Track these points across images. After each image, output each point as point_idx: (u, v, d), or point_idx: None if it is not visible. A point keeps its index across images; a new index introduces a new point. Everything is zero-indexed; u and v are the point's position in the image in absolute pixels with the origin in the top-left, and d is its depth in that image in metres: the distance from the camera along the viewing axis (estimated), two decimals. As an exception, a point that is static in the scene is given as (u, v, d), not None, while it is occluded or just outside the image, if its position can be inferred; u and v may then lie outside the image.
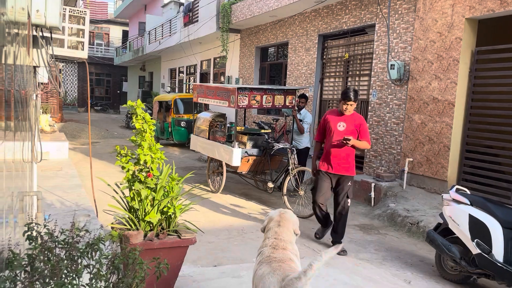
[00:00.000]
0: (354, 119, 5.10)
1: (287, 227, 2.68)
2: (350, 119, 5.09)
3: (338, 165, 5.10)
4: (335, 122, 5.11)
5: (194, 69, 19.88)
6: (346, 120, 5.08)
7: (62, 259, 1.38)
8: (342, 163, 5.10)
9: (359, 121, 5.10)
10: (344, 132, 5.02)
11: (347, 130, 5.04)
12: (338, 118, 5.11)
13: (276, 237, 2.60)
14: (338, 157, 5.08)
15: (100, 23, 33.53)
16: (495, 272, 3.91)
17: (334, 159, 5.09)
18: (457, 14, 6.93)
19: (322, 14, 10.37)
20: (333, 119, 5.13)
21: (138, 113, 3.25)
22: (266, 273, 2.28)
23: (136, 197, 3.20)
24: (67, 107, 30.11)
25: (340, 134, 5.02)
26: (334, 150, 5.07)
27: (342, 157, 5.08)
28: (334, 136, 5.06)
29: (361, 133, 5.07)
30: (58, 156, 9.20)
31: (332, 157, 5.10)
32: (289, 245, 2.58)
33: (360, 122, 5.09)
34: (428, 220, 6.14)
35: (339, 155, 5.08)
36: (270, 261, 2.38)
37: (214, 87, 8.38)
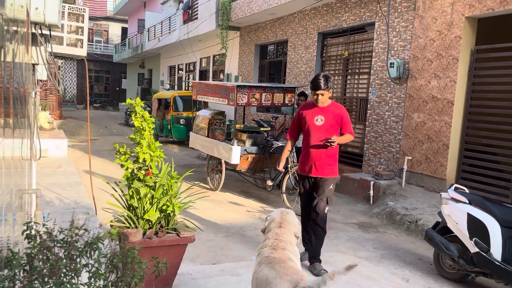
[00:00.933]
0: (333, 111, 4.31)
1: (288, 229, 2.67)
2: (329, 110, 4.30)
3: (319, 166, 4.31)
4: (311, 116, 4.31)
5: (194, 67, 19.86)
6: (324, 113, 4.29)
7: (61, 258, 1.38)
8: (323, 163, 4.32)
9: (339, 112, 4.32)
10: (323, 127, 4.26)
11: (326, 124, 4.27)
12: (314, 111, 4.32)
13: (276, 238, 2.59)
14: (319, 157, 4.31)
15: (99, 20, 33.42)
16: (493, 271, 3.92)
17: (315, 160, 4.32)
18: (457, 12, 6.92)
19: (322, 12, 10.36)
20: (309, 113, 4.34)
21: (137, 111, 3.25)
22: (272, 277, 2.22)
23: (135, 195, 3.21)
24: (66, 104, 30.04)
25: (319, 130, 4.27)
26: (314, 149, 4.31)
27: (324, 158, 4.32)
28: (312, 132, 4.30)
29: (343, 126, 4.32)
30: (57, 154, 9.19)
31: (311, 157, 4.33)
32: (289, 246, 2.57)
33: (340, 114, 4.31)
34: (426, 219, 6.15)
35: (319, 154, 4.31)
36: (270, 262, 2.35)
37: (213, 84, 8.38)
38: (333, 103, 4.40)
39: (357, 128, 9.51)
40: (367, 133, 8.81)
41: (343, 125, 4.33)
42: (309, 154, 4.34)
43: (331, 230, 6.03)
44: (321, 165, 4.32)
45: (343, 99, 9.92)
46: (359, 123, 9.36)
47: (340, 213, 7.07)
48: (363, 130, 9.10)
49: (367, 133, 8.81)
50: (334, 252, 5.08)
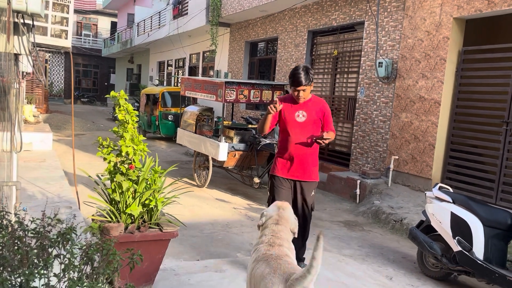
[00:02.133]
0: (316, 106, 3.89)
1: (285, 226, 2.65)
2: (311, 106, 3.88)
3: (300, 168, 3.86)
4: (292, 111, 3.86)
5: (183, 63, 19.74)
6: (306, 108, 3.86)
7: (32, 248, 1.34)
8: (305, 166, 3.87)
9: (321, 107, 3.90)
10: (306, 124, 3.83)
11: (308, 121, 3.84)
12: (295, 107, 3.87)
13: (273, 235, 2.57)
14: (300, 158, 3.85)
15: (88, 13, 33.06)
16: (475, 270, 3.95)
17: (295, 161, 3.86)
18: (445, 13, 6.97)
19: (312, 10, 10.35)
20: (288, 108, 3.88)
21: (121, 104, 3.19)
22: (266, 273, 2.21)
23: (118, 189, 3.16)
24: (53, 98, 29.69)
25: (300, 127, 3.83)
26: (295, 148, 3.84)
27: (305, 158, 3.86)
28: (293, 129, 3.84)
29: (325, 122, 3.90)
30: (41, 148, 9.05)
31: (291, 158, 3.87)
32: (285, 243, 2.55)
33: (323, 109, 3.90)
34: (411, 218, 6.19)
35: (301, 154, 3.85)
36: (267, 258, 2.34)
37: (201, 80, 8.32)
38: (314, 97, 3.97)
39: (345, 127, 9.55)
40: (355, 132, 8.84)
41: (326, 121, 3.90)
42: (289, 154, 3.86)
43: (317, 228, 6.04)
44: (304, 167, 3.85)
45: (332, 98, 9.94)
46: (347, 122, 9.39)
47: (326, 211, 7.08)
48: (351, 129, 9.13)
49: (355, 132, 8.84)
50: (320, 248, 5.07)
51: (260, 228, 2.73)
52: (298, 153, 3.84)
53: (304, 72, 3.69)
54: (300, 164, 3.85)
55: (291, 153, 3.85)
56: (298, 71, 3.70)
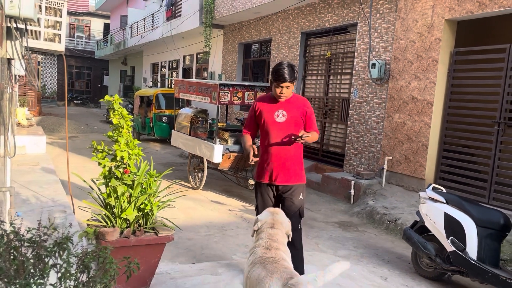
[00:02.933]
0: (297, 104, 3.57)
1: (280, 229, 2.68)
2: (291, 104, 3.55)
3: (284, 171, 3.54)
4: (271, 110, 3.55)
5: (177, 64, 19.71)
6: (286, 107, 3.54)
7: (28, 258, 1.34)
8: (289, 169, 3.55)
9: (303, 106, 3.58)
10: (286, 125, 3.51)
11: (289, 120, 3.52)
12: (274, 106, 3.55)
13: (270, 238, 2.59)
14: (283, 161, 3.54)
15: (81, 15, 32.92)
16: (468, 269, 3.99)
17: (278, 164, 3.53)
18: (437, 15, 7.03)
19: (305, 11, 10.39)
20: (266, 108, 3.57)
21: (115, 108, 3.19)
22: (262, 276, 2.23)
23: (113, 194, 3.16)
24: (46, 100, 29.49)
25: (280, 127, 3.51)
26: (276, 151, 3.53)
27: (288, 160, 3.55)
28: (272, 131, 3.53)
29: (308, 122, 3.58)
30: (35, 151, 8.99)
31: (273, 161, 3.54)
32: (282, 246, 2.58)
33: (304, 108, 3.58)
34: (405, 218, 6.23)
35: (283, 157, 3.53)
36: (264, 261, 2.35)
37: (195, 82, 8.32)
38: (295, 95, 3.64)
39: (339, 128, 9.59)
40: (349, 133, 8.88)
41: (308, 121, 3.58)
42: (270, 157, 3.55)
43: (312, 229, 6.06)
44: (286, 170, 3.54)
45: (325, 99, 9.98)
46: (341, 123, 9.43)
47: (321, 212, 7.11)
48: (345, 130, 9.17)
49: (349, 133, 8.88)
50: (314, 251, 5.10)
51: (255, 234, 2.74)
52: (280, 155, 3.53)
53: (288, 68, 3.41)
54: (283, 168, 3.53)
55: (272, 156, 3.54)
56: (283, 67, 3.42)
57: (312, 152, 10.22)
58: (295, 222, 3.43)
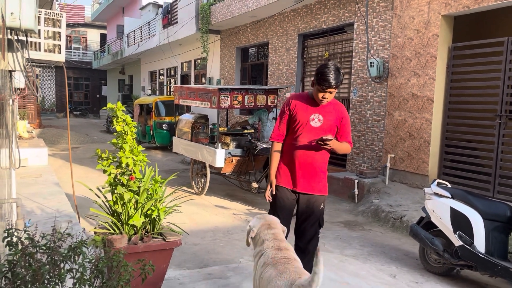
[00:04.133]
0: (335, 110, 3.28)
1: (278, 228, 2.68)
2: (329, 110, 3.26)
3: (308, 178, 3.27)
4: (308, 113, 3.23)
5: (175, 71, 19.75)
6: (323, 111, 3.24)
7: (44, 264, 1.34)
8: (313, 176, 3.28)
9: (340, 112, 3.29)
10: (321, 130, 3.22)
11: (324, 126, 3.24)
12: (311, 109, 3.24)
13: (275, 238, 2.58)
14: (308, 167, 3.26)
15: (77, 26, 32.98)
16: (477, 263, 3.98)
17: (302, 170, 3.26)
18: (433, 11, 7.05)
19: (301, 13, 10.42)
20: (303, 109, 3.25)
21: (118, 116, 3.20)
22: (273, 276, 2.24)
23: (119, 201, 3.16)
24: (45, 112, 29.54)
25: (314, 132, 3.21)
26: (303, 156, 3.24)
27: (314, 167, 3.27)
28: (304, 135, 3.23)
29: (341, 130, 3.29)
30: (37, 163, 9.00)
31: (298, 167, 3.26)
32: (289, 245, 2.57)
33: (342, 115, 3.29)
34: (411, 215, 6.22)
35: (310, 163, 3.25)
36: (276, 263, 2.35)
37: (195, 88, 8.34)
38: (335, 101, 3.35)
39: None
40: (350, 132, 8.87)
41: (342, 129, 3.29)
42: (298, 162, 3.26)
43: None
44: (311, 177, 3.27)
45: (325, 100, 9.99)
46: (342, 122, 9.43)
47: (325, 212, 7.08)
48: (346, 129, 9.16)
49: (350, 132, 8.87)
50: (321, 251, 5.09)
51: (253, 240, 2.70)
52: (307, 161, 3.24)
53: (335, 72, 3.07)
54: (309, 175, 3.26)
55: (299, 161, 3.25)
56: (329, 70, 3.06)
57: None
58: (314, 231, 3.36)
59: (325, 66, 3.11)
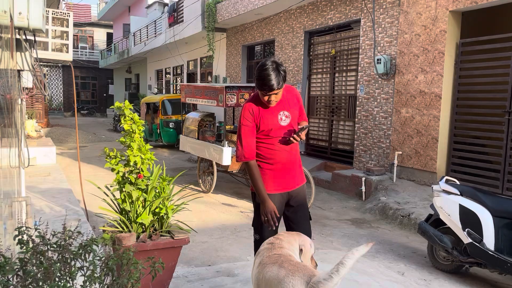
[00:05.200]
0: (292, 97, 3.09)
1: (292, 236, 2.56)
2: (288, 101, 3.06)
3: (293, 174, 3.12)
4: (274, 115, 3.00)
5: (181, 70, 19.79)
6: (286, 106, 3.03)
7: (55, 262, 1.35)
8: (296, 169, 3.14)
9: (295, 96, 3.13)
10: (289, 126, 3.04)
11: (292, 120, 3.06)
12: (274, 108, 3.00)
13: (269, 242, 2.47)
14: (292, 164, 3.11)
15: (83, 26, 33.14)
16: (486, 261, 3.95)
17: (287, 169, 3.09)
18: (441, 7, 6.99)
19: (308, 10, 10.39)
20: (268, 112, 2.99)
21: (126, 114, 3.21)
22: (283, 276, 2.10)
23: (127, 199, 3.17)
24: (52, 112, 29.77)
25: (285, 131, 3.02)
26: (284, 157, 3.04)
27: (295, 162, 3.13)
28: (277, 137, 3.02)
29: (301, 113, 3.17)
30: (45, 162, 9.08)
31: (284, 168, 3.07)
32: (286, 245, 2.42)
33: (297, 97, 3.14)
34: (419, 212, 6.19)
35: (292, 161, 3.10)
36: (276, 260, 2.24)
37: (202, 86, 8.35)
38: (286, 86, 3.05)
39: (346, 125, 9.56)
40: (357, 129, 8.85)
41: (300, 110, 3.15)
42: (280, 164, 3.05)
43: (325, 227, 6.05)
44: (295, 172, 3.13)
45: (332, 97, 9.96)
46: (349, 120, 9.41)
47: (333, 210, 7.09)
48: (353, 127, 9.14)
49: (357, 129, 8.85)
50: (328, 249, 5.09)
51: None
52: (288, 160, 3.07)
53: (274, 70, 2.79)
54: (292, 171, 3.11)
55: (281, 163, 3.05)
56: (267, 71, 2.78)
57: (321, 151, 10.20)
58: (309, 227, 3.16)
59: (262, 68, 2.82)
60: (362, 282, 3.88)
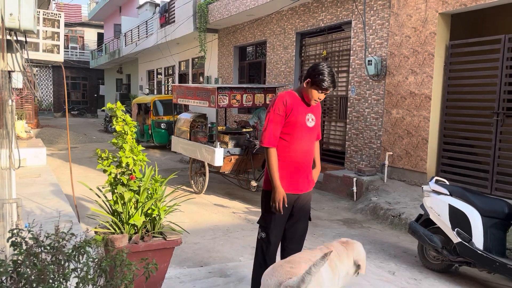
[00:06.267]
0: (318, 108, 3.29)
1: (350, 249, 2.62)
2: (316, 108, 3.26)
3: (306, 177, 3.21)
4: (303, 113, 3.14)
5: (173, 70, 19.74)
6: (313, 111, 3.22)
7: (48, 264, 1.36)
8: (310, 173, 3.26)
9: (319, 109, 3.33)
10: (313, 130, 3.21)
11: (316, 125, 3.24)
12: (305, 109, 3.16)
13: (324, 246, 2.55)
14: (308, 166, 3.21)
15: (74, 26, 32.90)
16: (476, 260, 4.01)
17: (303, 170, 3.17)
18: (431, 9, 7.07)
19: (299, 12, 10.43)
20: (300, 109, 3.13)
21: (118, 115, 3.21)
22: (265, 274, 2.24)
23: (119, 200, 3.17)
24: (42, 112, 29.51)
25: (310, 133, 3.17)
26: (303, 157, 3.15)
27: (310, 165, 3.25)
28: (303, 136, 3.12)
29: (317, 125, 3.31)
30: (36, 163, 9.00)
31: (300, 168, 3.15)
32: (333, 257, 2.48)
33: (319, 110, 3.33)
34: (409, 212, 6.25)
35: (308, 162, 3.21)
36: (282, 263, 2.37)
37: (193, 87, 8.34)
38: None
39: (338, 126, 9.62)
40: (348, 130, 8.91)
41: (318, 123, 3.30)
42: (298, 164, 3.14)
43: (317, 228, 6.08)
44: (308, 175, 3.25)
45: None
46: (340, 121, 9.46)
47: (324, 210, 7.13)
48: (344, 127, 9.20)
49: (348, 130, 8.91)
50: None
51: None
52: (307, 162, 3.18)
53: (332, 72, 3.04)
54: (308, 173, 3.23)
55: (300, 163, 3.14)
56: (328, 71, 3.00)
57: (313, 152, 10.23)
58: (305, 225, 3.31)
59: (323, 67, 3.01)
60: (353, 281, 3.91)
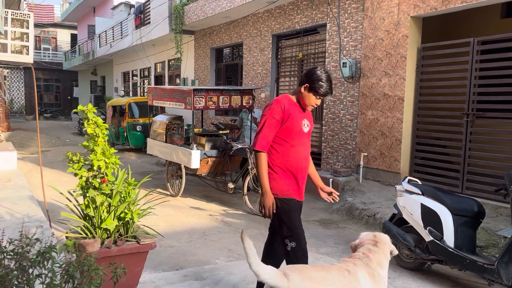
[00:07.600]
0: (310, 114, 3.25)
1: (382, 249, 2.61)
2: (308, 114, 3.21)
3: (303, 185, 3.19)
4: (300, 119, 3.08)
5: (148, 72, 19.52)
6: (308, 116, 3.18)
7: (11, 270, 1.31)
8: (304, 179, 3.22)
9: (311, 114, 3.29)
10: (308, 136, 3.18)
11: (310, 131, 3.21)
12: (302, 114, 3.12)
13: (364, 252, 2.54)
14: (305, 174, 3.20)
15: (46, 26, 32.17)
16: (447, 257, 4.10)
17: (301, 178, 3.15)
18: (403, 12, 7.22)
19: (275, 14, 10.49)
20: (296, 114, 3.07)
21: (89, 118, 3.15)
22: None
23: (91, 204, 3.11)
24: (14, 115, 28.67)
25: (305, 138, 3.14)
26: (302, 164, 3.13)
27: (306, 171, 3.23)
28: (299, 141, 3.08)
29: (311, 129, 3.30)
30: (6, 167, 8.74)
31: (299, 175, 3.12)
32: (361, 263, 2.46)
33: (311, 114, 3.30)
34: (384, 212, 6.35)
35: (305, 169, 3.19)
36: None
37: (169, 89, 8.27)
38: None
39: (314, 127, 9.68)
40: (324, 132, 8.99)
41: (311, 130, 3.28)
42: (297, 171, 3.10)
43: (293, 229, 6.10)
44: (304, 183, 3.20)
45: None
46: (316, 122, 9.54)
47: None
48: (320, 129, 9.28)
49: (324, 132, 8.99)
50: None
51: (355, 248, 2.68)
52: (304, 168, 3.15)
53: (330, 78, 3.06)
54: (304, 182, 3.19)
55: (298, 169, 3.09)
56: (326, 76, 3.00)
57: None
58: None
59: (322, 73, 3.01)
60: (329, 282, 3.94)
